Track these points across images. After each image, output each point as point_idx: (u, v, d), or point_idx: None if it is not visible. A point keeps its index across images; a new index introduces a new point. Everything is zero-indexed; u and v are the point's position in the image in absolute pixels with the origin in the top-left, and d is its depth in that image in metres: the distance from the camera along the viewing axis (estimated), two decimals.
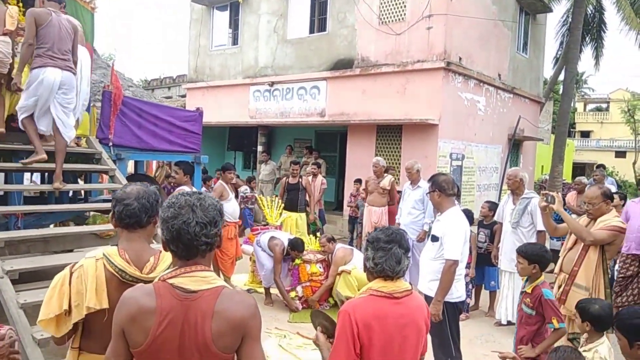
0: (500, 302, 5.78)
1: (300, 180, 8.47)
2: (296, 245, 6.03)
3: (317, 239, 6.57)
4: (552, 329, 3.24)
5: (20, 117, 4.44)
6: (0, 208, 4.70)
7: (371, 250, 2.13)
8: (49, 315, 1.97)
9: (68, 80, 4.46)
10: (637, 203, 5.81)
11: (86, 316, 1.98)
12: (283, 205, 8.04)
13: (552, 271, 4.66)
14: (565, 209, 7.50)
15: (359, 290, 2.39)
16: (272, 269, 6.00)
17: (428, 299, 3.69)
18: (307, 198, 8.60)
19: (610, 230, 3.84)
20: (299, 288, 6.08)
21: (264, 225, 7.73)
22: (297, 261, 6.14)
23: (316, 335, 2.22)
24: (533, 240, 5.42)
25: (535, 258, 3.39)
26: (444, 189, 3.70)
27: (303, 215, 8.49)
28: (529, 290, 3.41)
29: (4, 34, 4.46)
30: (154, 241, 3.56)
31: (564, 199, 8.08)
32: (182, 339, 1.57)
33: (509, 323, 5.55)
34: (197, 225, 1.59)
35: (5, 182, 5.45)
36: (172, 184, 8.82)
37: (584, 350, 2.88)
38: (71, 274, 2.00)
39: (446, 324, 3.64)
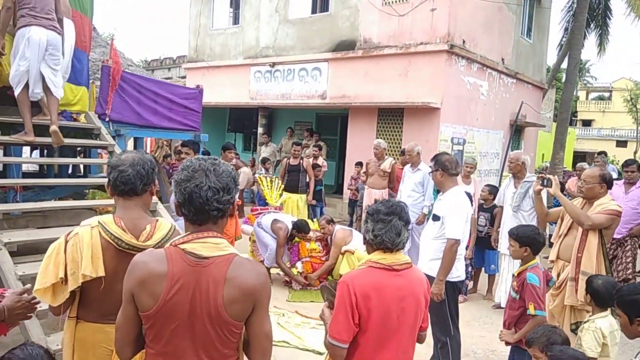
0: (499, 285, 5.80)
1: (301, 161, 8.43)
2: (302, 227, 6.07)
3: (317, 220, 6.58)
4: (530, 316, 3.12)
5: (17, 90, 4.38)
6: None
7: (371, 222, 2.11)
8: (45, 285, 1.96)
9: (54, 40, 4.41)
10: (620, 186, 5.84)
11: (83, 285, 1.97)
12: (283, 186, 8.02)
13: (546, 257, 4.65)
14: (565, 195, 7.51)
15: None
16: (276, 250, 6.02)
17: (429, 278, 3.64)
18: (308, 180, 8.57)
19: (609, 214, 3.73)
20: (298, 264, 6.11)
21: (264, 206, 7.72)
22: (297, 239, 6.18)
23: (322, 309, 2.21)
24: (534, 223, 5.40)
25: (527, 240, 3.30)
26: (447, 168, 3.68)
27: (303, 196, 8.47)
28: (517, 274, 3.36)
29: None
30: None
31: (563, 186, 8.13)
32: (193, 304, 1.56)
33: None
34: (210, 190, 1.58)
35: (4, 156, 5.42)
36: (171, 164, 8.80)
37: (585, 321, 2.91)
38: (66, 242, 1.98)
39: (445, 303, 3.64)
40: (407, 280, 2.10)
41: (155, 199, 4.67)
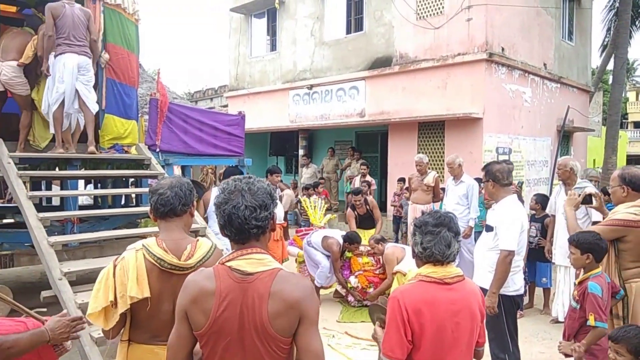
0: (556, 299, 5.55)
1: (367, 206, 7.33)
2: (353, 238, 6.06)
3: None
4: (591, 327, 2.93)
5: (53, 108, 5.01)
6: (56, 213, 4.93)
7: (419, 235, 2.08)
8: (97, 309, 2.04)
9: (84, 63, 5.10)
10: None
11: (131, 307, 2.04)
12: (326, 206, 8.03)
13: None
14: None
15: None
16: (330, 266, 6.04)
17: (484, 291, 3.47)
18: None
19: (609, 225, 3.33)
20: (352, 278, 6.03)
21: (308, 227, 7.75)
22: (348, 254, 6.13)
23: (374, 329, 2.19)
24: None
25: (588, 247, 3.12)
26: (498, 179, 3.57)
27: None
28: (578, 282, 3.20)
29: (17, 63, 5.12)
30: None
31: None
32: (241, 320, 1.59)
33: None
34: (247, 209, 1.62)
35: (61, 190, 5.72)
36: None
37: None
38: (115, 266, 2.07)
39: (502, 318, 3.51)
40: (461, 293, 2.04)
41: (203, 223, 4.80)
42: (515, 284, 3.59)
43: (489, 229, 3.66)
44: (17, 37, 5.33)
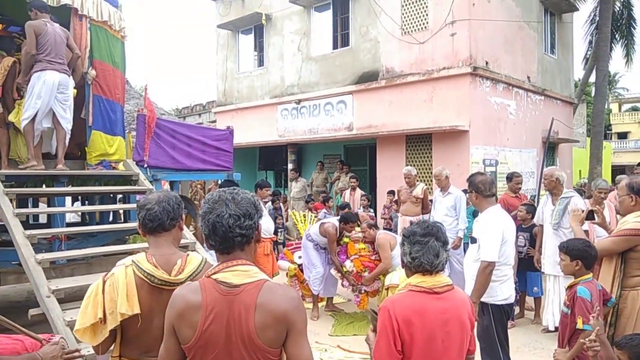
0: (546, 308, 5.58)
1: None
2: (349, 218, 6.04)
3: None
4: (580, 330, 2.96)
5: (24, 122, 4.99)
6: (44, 231, 4.88)
7: (407, 245, 2.10)
8: (85, 325, 2.02)
9: (64, 81, 5.11)
10: None
11: (122, 323, 2.03)
12: (316, 219, 8.02)
13: None
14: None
15: None
16: (324, 272, 6.07)
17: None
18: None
19: (619, 236, 3.33)
20: (347, 262, 6.01)
21: (299, 240, 7.73)
22: (346, 239, 6.13)
23: (368, 334, 2.19)
24: None
25: (577, 253, 3.18)
26: (480, 190, 3.64)
27: None
28: (568, 287, 3.25)
29: None
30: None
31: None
32: (228, 332, 1.59)
33: (557, 329, 5.32)
34: (231, 218, 1.63)
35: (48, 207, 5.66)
36: None
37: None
38: (104, 282, 2.05)
39: (492, 328, 3.52)
40: (450, 302, 2.06)
41: (192, 238, 4.78)
42: (504, 293, 3.60)
43: (473, 240, 3.71)
44: None
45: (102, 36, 5.86)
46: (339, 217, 6.22)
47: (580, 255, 3.17)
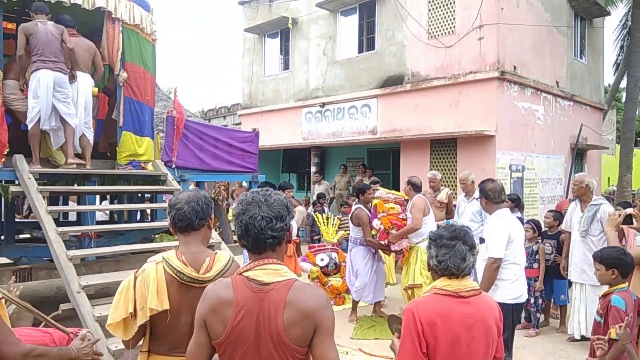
0: (572, 316, 5.47)
1: None
2: (363, 187, 6.31)
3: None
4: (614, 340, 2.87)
5: (30, 124, 5.07)
6: (75, 228, 5.02)
7: (434, 248, 2.10)
8: (117, 319, 2.09)
9: (59, 79, 5.11)
10: None
11: (151, 318, 2.08)
12: (339, 222, 8.05)
13: None
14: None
15: None
16: (370, 277, 6.07)
17: None
18: None
19: None
20: (375, 221, 5.97)
21: (319, 241, 7.77)
22: (375, 201, 6.13)
23: (392, 340, 2.20)
24: None
25: (613, 262, 3.12)
26: (490, 197, 3.98)
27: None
28: (602, 296, 3.19)
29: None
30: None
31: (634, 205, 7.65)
32: (257, 329, 1.63)
33: (583, 338, 5.22)
34: (263, 220, 1.67)
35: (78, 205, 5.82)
36: (228, 205, 9.09)
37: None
38: (135, 278, 2.12)
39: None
40: (476, 307, 2.05)
41: (218, 238, 4.85)
42: (514, 293, 3.82)
43: (482, 241, 3.94)
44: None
45: (133, 39, 6.00)
46: (355, 195, 6.38)
47: (616, 263, 3.12)
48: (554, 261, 5.93)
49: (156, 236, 5.97)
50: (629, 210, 4.12)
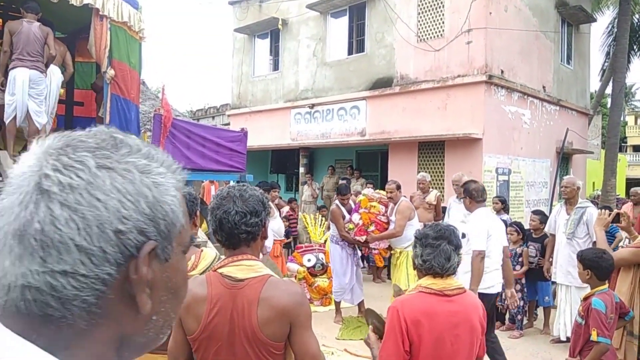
0: (557, 318, 5.54)
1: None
2: (341, 189, 6.34)
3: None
4: (594, 342, 2.96)
5: (7, 120, 5.21)
6: None
7: (419, 247, 2.11)
8: None
9: (35, 77, 5.22)
10: None
11: None
12: (326, 222, 8.04)
13: None
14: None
15: None
16: (349, 279, 6.05)
17: None
18: None
19: (636, 247, 3.34)
20: (355, 215, 5.98)
21: (308, 244, 7.76)
22: (361, 197, 6.24)
23: (367, 334, 2.20)
24: None
25: (589, 263, 3.16)
26: (474, 196, 4.37)
27: None
28: (584, 298, 3.24)
29: None
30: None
31: (618, 215, 7.77)
32: (231, 325, 1.62)
33: (568, 340, 5.27)
34: (237, 215, 1.66)
35: None
36: None
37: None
38: None
39: None
40: (461, 306, 2.06)
41: (204, 237, 4.82)
42: (486, 282, 4.18)
43: (463, 236, 4.00)
44: None
45: (121, 37, 5.95)
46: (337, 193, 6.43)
47: (591, 265, 3.16)
48: (538, 264, 5.98)
49: None
50: (628, 206, 4.20)
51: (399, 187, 5.91)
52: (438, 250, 2.05)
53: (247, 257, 1.69)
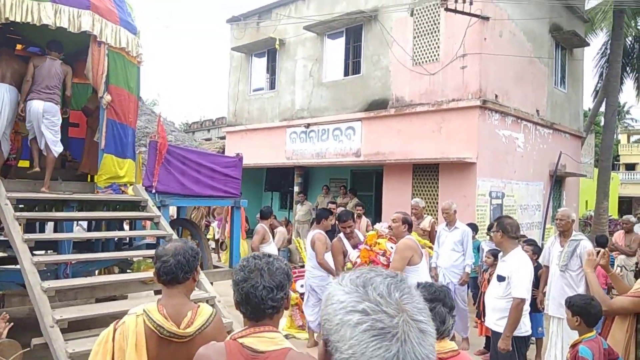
0: (548, 350, 5.51)
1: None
2: (341, 216, 5.80)
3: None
4: None
5: (30, 137, 5.65)
6: (51, 257, 4.91)
7: None
8: None
9: (49, 108, 5.52)
10: None
11: None
12: None
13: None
14: (613, 249, 7.20)
15: None
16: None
17: (496, 334, 4.08)
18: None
19: (636, 297, 3.24)
20: (354, 253, 5.34)
21: (301, 266, 7.72)
22: (371, 232, 5.61)
23: None
24: (582, 284, 5.21)
25: (577, 310, 3.16)
26: (507, 231, 4.07)
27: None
28: (571, 345, 3.24)
29: None
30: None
31: (607, 239, 7.81)
32: None
33: None
34: (265, 290, 1.67)
35: (55, 229, 5.71)
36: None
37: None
38: (114, 330, 2.08)
39: (515, 356, 3.94)
40: None
41: (213, 292, 4.79)
42: (525, 326, 4.10)
43: (501, 278, 4.06)
44: None
45: (119, 62, 5.97)
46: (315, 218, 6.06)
47: (580, 312, 3.16)
48: (532, 295, 5.97)
49: (134, 261, 5.88)
50: (619, 234, 4.23)
51: (405, 222, 4.79)
52: (432, 313, 2.03)
53: (270, 329, 1.69)
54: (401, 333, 0.81)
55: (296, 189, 13.39)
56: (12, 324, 3.25)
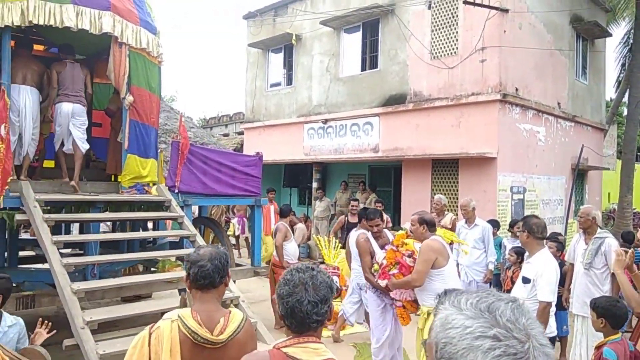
0: (573, 349, 5.47)
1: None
2: (370, 213, 5.31)
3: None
4: None
5: (57, 147, 5.87)
6: (80, 259, 5.02)
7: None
8: None
9: (78, 109, 5.81)
10: None
11: None
12: (340, 244, 8.04)
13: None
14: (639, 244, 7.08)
15: None
16: (389, 331, 5.09)
17: None
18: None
19: None
20: (380, 253, 4.94)
21: (321, 262, 7.77)
22: (400, 232, 5.04)
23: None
24: (607, 282, 5.15)
25: (602, 312, 3.13)
26: (534, 231, 3.93)
27: None
28: (596, 347, 3.21)
29: None
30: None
31: (633, 235, 7.65)
32: None
33: None
34: (310, 304, 1.70)
35: (82, 230, 5.82)
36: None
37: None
38: (150, 334, 2.11)
39: None
40: None
41: (238, 292, 4.86)
42: (551, 327, 4.01)
43: (526, 280, 3.94)
44: None
45: (140, 63, 6.03)
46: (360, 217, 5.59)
47: (604, 313, 3.13)
48: (557, 293, 5.92)
49: (159, 260, 5.97)
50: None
51: (423, 222, 4.41)
52: None
53: (314, 339, 1.73)
54: (532, 358, 0.84)
55: (314, 185, 13.42)
56: (54, 332, 3.35)
